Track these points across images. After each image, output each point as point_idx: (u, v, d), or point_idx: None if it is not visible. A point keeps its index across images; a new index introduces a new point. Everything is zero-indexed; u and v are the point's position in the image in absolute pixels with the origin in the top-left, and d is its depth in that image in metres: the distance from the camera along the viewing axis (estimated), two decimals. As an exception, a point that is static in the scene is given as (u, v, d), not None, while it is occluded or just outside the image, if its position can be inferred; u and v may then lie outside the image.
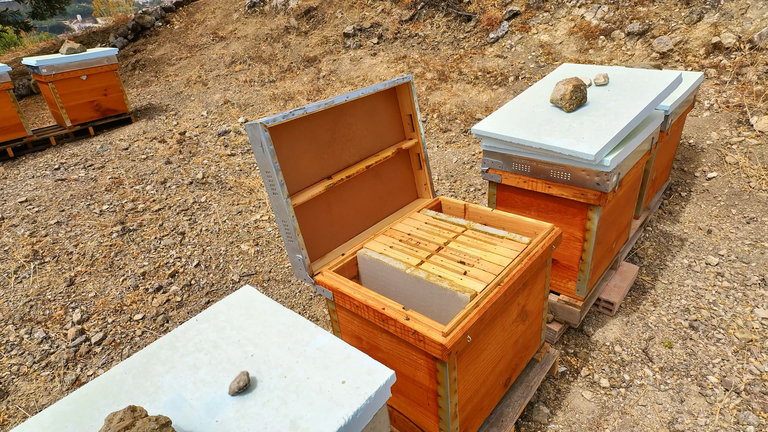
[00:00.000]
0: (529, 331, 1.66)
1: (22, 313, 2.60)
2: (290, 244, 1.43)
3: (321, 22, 7.42)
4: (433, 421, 1.35)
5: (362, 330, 1.43)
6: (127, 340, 2.39)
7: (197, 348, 1.02)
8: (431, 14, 6.57)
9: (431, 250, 1.55)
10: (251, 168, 4.30)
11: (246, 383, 0.89)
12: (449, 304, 1.36)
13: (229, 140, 4.94)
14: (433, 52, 5.99)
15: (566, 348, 2.07)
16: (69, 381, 2.17)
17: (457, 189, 3.56)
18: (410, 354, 1.28)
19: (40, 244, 3.25)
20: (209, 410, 0.86)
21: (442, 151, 4.23)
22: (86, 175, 4.36)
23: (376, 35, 6.59)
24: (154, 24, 9.20)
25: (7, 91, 4.76)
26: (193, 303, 2.63)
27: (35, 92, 7.53)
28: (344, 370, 0.92)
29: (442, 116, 4.78)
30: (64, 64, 5.14)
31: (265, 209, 3.56)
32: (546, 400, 1.84)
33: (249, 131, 1.30)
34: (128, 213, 3.61)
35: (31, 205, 3.80)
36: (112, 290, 2.76)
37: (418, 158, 1.87)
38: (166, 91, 6.88)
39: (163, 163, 4.47)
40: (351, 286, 1.38)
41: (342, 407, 0.84)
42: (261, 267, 2.89)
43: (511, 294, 1.38)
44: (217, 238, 3.22)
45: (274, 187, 1.35)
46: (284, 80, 6.44)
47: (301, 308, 2.54)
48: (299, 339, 1.01)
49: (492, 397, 1.54)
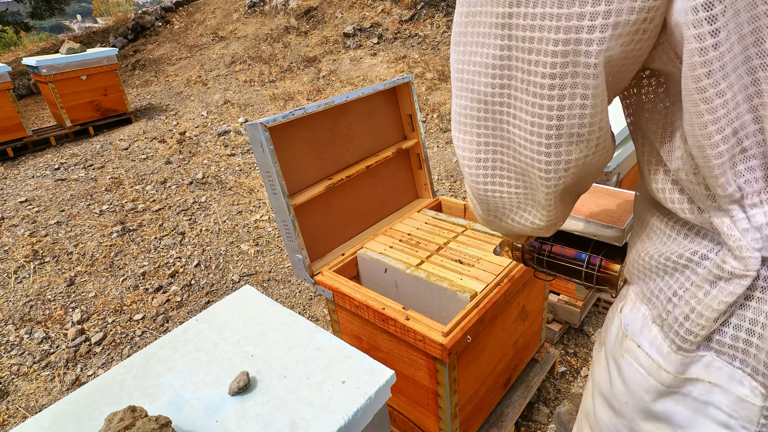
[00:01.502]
0: (529, 331, 1.66)
1: (22, 313, 2.60)
2: (290, 244, 1.43)
3: (321, 22, 7.42)
4: (433, 421, 1.35)
5: (362, 330, 1.43)
6: (127, 340, 2.39)
7: (197, 348, 1.02)
8: (431, 14, 6.57)
9: (431, 250, 1.55)
10: (251, 168, 4.30)
11: (246, 383, 0.89)
12: (449, 304, 1.36)
13: (229, 140, 4.94)
14: (433, 52, 5.99)
15: (566, 348, 2.07)
16: (69, 381, 2.17)
17: (457, 189, 3.56)
18: (410, 354, 1.28)
19: (40, 244, 3.25)
20: (209, 410, 0.86)
21: (442, 151, 4.23)
22: (86, 175, 4.36)
23: (376, 35, 6.59)
24: (154, 24, 9.20)
25: (7, 91, 4.76)
26: (193, 303, 2.63)
27: (35, 92, 7.53)
28: (344, 370, 0.92)
29: (442, 116, 4.78)
30: (64, 64, 5.14)
31: (265, 209, 3.56)
32: (546, 400, 1.84)
33: (249, 131, 1.30)
34: (128, 213, 3.61)
35: (31, 205, 3.80)
36: (112, 290, 2.76)
37: (418, 158, 1.87)
38: (166, 91, 6.88)
39: (163, 163, 4.47)
40: (351, 286, 1.38)
41: (342, 407, 0.84)
42: (261, 267, 2.89)
43: (511, 294, 1.38)
44: (217, 238, 3.23)
45: (274, 187, 1.35)
46: (284, 80, 6.44)
47: (301, 308, 2.54)
48: (299, 339, 1.01)
49: (492, 397, 1.54)
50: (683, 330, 0.51)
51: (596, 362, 0.71)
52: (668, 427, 0.56)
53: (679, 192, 0.51)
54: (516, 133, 0.52)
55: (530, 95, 0.48)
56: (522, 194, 0.59)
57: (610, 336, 0.64)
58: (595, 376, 0.70)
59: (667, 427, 0.57)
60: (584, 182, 0.58)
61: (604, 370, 0.66)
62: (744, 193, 0.44)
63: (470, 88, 0.53)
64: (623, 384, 0.60)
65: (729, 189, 0.44)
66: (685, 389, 0.53)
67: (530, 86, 0.47)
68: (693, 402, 0.53)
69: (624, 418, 0.62)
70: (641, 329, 0.57)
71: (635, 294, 0.60)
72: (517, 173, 0.57)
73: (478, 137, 0.57)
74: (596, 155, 0.52)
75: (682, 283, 0.52)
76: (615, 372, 0.62)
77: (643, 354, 0.56)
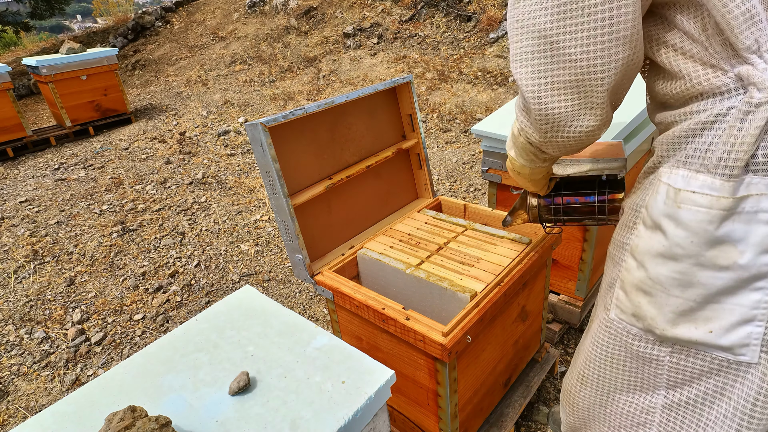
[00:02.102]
0: (529, 331, 1.66)
1: (22, 313, 2.60)
2: (290, 244, 1.43)
3: (321, 22, 7.42)
4: (433, 421, 1.35)
5: (362, 330, 1.43)
6: (127, 340, 2.39)
7: (197, 348, 1.02)
8: (431, 14, 6.57)
9: (431, 250, 1.55)
10: (251, 168, 4.30)
11: (246, 383, 0.89)
12: (449, 304, 1.36)
13: (229, 140, 4.94)
14: (433, 52, 5.99)
15: (566, 348, 2.07)
16: (69, 381, 2.17)
17: (457, 189, 3.56)
18: (410, 354, 1.28)
19: (40, 244, 3.25)
20: (209, 410, 0.86)
21: (442, 151, 4.23)
22: (86, 175, 4.36)
23: (376, 35, 6.59)
24: (154, 24, 9.20)
25: (7, 91, 4.76)
26: (193, 303, 2.63)
27: (35, 92, 7.53)
28: (344, 370, 0.92)
29: (442, 116, 4.78)
30: (64, 64, 5.14)
31: (265, 209, 3.56)
32: (546, 400, 1.84)
33: (249, 131, 1.30)
34: (128, 213, 3.61)
35: (31, 205, 3.80)
36: (112, 290, 2.76)
37: (418, 158, 1.87)
38: (166, 91, 6.88)
39: (163, 163, 4.47)
40: (351, 286, 1.37)
41: (342, 407, 0.84)
42: (261, 267, 2.89)
43: (511, 294, 1.38)
44: (217, 238, 3.23)
45: (274, 187, 1.35)
46: (284, 80, 6.44)
47: (301, 308, 2.54)
48: (299, 339, 1.01)
49: (492, 397, 1.54)
50: (730, 161, 0.70)
51: (638, 238, 0.87)
52: (730, 245, 0.74)
53: (701, 65, 0.72)
54: (573, 51, 0.71)
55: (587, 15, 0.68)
56: (578, 104, 0.77)
57: (657, 203, 0.81)
58: (641, 248, 0.86)
59: (729, 245, 0.74)
60: (626, 83, 0.77)
61: (654, 234, 0.83)
62: (759, 44, 0.66)
63: (531, 29, 0.73)
64: (684, 229, 0.77)
65: (747, 42, 0.65)
66: (739, 208, 0.71)
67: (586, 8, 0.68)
68: (746, 215, 0.71)
69: (689, 258, 0.78)
70: (689, 182, 0.76)
71: (668, 167, 0.80)
72: (572, 87, 0.75)
73: (539, 66, 0.76)
74: (635, 55, 0.72)
75: (715, 133, 0.72)
76: (671, 226, 0.79)
77: (700, 195, 0.74)
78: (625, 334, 0.95)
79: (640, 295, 0.88)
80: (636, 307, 0.90)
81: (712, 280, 0.77)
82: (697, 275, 0.78)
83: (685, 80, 0.74)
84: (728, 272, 0.75)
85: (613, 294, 0.98)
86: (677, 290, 0.81)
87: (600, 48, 0.69)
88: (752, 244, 0.72)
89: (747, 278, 0.74)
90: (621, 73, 0.72)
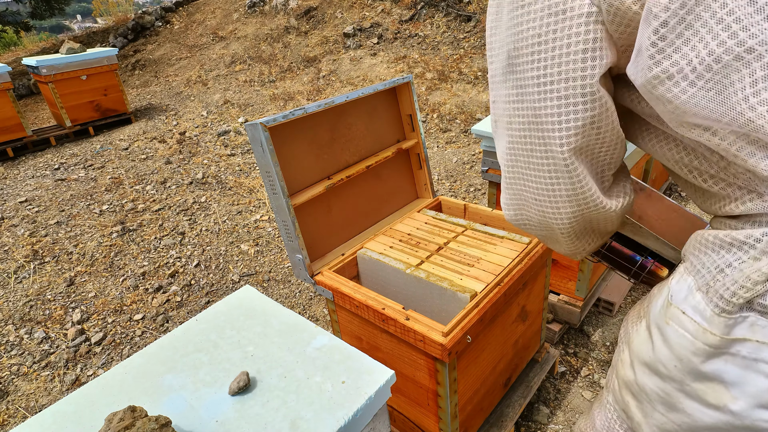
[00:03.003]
0: (529, 331, 1.66)
1: (22, 313, 2.60)
2: (290, 244, 1.43)
3: (321, 22, 7.42)
4: (433, 421, 1.35)
5: (362, 330, 1.43)
6: (127, 340, 2.39)
7: (197, 348, 1.02)
8: (431, 14, 6.57)
9: (431, 250, 1.55)
10: (251, 168, 4.30)
11: (246, 383, 0.89)
12: (449, 304, 1.36)
13: (229, 140, 4.94)
14: (433, 52, 5.99)
15: (566, 348, 2.07)
16: (69, 381, 2.17)
17: (457, 189, 3.56)
18: (410, 354, 1.28)
19: (40, 244, 3.25)
20: (209, 410, 0.86)
21: (442, 151, 4.23)
22: (86, 175, 4.36)
23: (376, 35, 6.59)
24: (154, 24, 9.20)
25: (7, 91, 4.76)
26: (193, 303, 2.63)
27: (35, 92, 7.53)
28: (344, 370, 0.92)
29: (442, 116, 4.78)
30: (64, 64, 5.14)
31: (265, 209, 3.56)
32: (546, 400, 1.84)
33: (249, 131, 1.30)
34: (128, 213, 3.61)
35: (31, 205, 3.80)
36: (112, 290, 2.76)
37: (418, 158, 1.87)
38: (166, 91, 6.88)
39: (163, 163, 4.47)
40: (351, 286, 1.37)
41: (342, 407, 0.84)
42: (261, 267, 2.89)
43: (511, 294, 1.38)
44: (217, 238, 3.22)
45: (274, 187, 1.35)
46: (284, 80, 6.44)
47: (301, 308, 2.54)
48: (299, 339, 1.01)
49: (492, 397, 1.54)
50: (728, 293, 0.58)
51: (635, 334, 0.77)
52: (720, 384, 0.62)
53: (737, 188, 0.62)
54: (529, 196, 0.75)
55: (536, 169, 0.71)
56: (543, 236, 0.82)
57: (655, 307, 0.71)
58: (634, 346, 0.76)
59: (719, 384, 0.62)
60: (598, 225, 0.78)
61: (646, 340, 0.72)
62: None
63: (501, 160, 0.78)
64: (669, 349, 0.66)
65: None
66: (734, 349, 0.59)
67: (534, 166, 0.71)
68: (742, 360, 0.59)
69: (673, 381, 0.67)
70: (685, 297, 0.64)
71: (684, 268, 0.67)
72: (540, 225, 0.78)
73: (513, 189, 0.79)
74: (586, 209, 0.71)
75: (739, 256, 0.59)
76: (659, 340, 0.68)
77: (688, 319, 0.63)
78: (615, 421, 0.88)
79: (629, 396, 0.80)
80: (625, 405, 0.82)
81: (700, 414, 0.66)
82: (683, 402, 0.68)
83: (720, 200, 0.65)
84: (718, 413, 0.64)
85: (613, 375, 0.88)
86: (662, 408, 0.72)
87: (551, 204, 0.72)
88: (749, 395, 0.60)
89: (740, 427, 0.63)
90: (579, 221, 0.74)
